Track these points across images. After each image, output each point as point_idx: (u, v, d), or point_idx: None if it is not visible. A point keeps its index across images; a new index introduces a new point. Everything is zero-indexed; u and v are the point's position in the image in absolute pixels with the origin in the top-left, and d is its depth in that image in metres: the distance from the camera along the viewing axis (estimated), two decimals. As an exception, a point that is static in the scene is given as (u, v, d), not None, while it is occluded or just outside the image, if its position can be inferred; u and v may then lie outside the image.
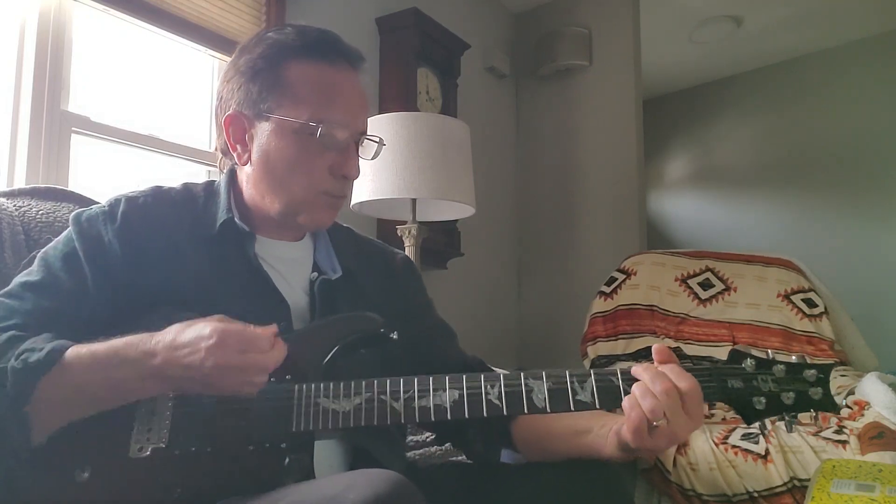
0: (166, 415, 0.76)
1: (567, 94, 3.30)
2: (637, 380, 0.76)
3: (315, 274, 0.96)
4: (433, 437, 1.15)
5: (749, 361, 0.78)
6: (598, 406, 0.76)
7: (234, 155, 0.95)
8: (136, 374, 0.73)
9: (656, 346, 0.78)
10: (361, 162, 0.96)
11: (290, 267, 0.96)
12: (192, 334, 0.72)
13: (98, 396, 0.75)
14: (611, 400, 0.76)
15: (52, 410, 0.74)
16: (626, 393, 0.75)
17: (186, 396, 0.77)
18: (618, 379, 0.77)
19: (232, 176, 0.98)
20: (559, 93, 3.32)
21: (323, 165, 0.91)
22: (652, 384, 0.73)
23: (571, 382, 0.76)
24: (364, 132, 0.95)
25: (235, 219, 0.92)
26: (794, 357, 0.78)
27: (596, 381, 0.77)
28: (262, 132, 0.91)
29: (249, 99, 0.92)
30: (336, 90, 0.91)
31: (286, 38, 0.92)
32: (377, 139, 1.01)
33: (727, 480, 1.55)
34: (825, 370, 0.77)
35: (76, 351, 0.74)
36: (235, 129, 0.93)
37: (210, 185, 0.99)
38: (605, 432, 0.81)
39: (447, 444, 1.12)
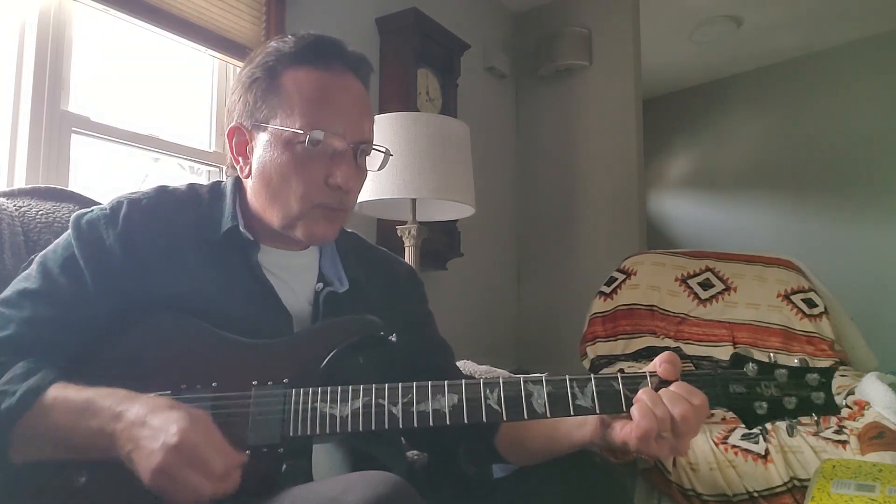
0: None
1: (567, 94, 3.30)
2: (638, 384, 0.76)
3: (321, 285, 0.94)
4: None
5: (751, 366, 0.77)
6: (598, 411, 0.76)
7: (237, 168, 0.93)
8: (95, 429, 0.71)
9: (664, 359, 0.76)
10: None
11: (294, 275, 0.94)
12: (161, 422, 0.69)
13: (60, 444, 0.73)
14: (611, 405, 0.76)
15: (27, 448, 0.74)
16: (627, 398, 0.75)
17: (184, 398, 0.76)
18: (618, 384, 0.76)
19: (238, 181, 0.96)
20: (559, 93, 3.32)
21: (317, 176, 0.87)
22: (672, 405, 0.72)
23: (571, 387, 0.76)
24: (365, 140, 0.92)
25: (240, 227, 0.90)
26: (796, 361, 0.77)
27: (596, 385, 0.76)
28: (260, 144, 0.90)
29: (248, 110, 0.90)
30: (329, 97, 0.88)
31: (284, 45, 0.90)
32: (383, 149, 0.97)
33: (727, 480, 1.55)
34: (827, 374, 0.76)
35: (54, 394, 0.73)
36: (237, 142, 0.92)
37: (216, 187, 0.97)
38: (580, 420, 0.81)
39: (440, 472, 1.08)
